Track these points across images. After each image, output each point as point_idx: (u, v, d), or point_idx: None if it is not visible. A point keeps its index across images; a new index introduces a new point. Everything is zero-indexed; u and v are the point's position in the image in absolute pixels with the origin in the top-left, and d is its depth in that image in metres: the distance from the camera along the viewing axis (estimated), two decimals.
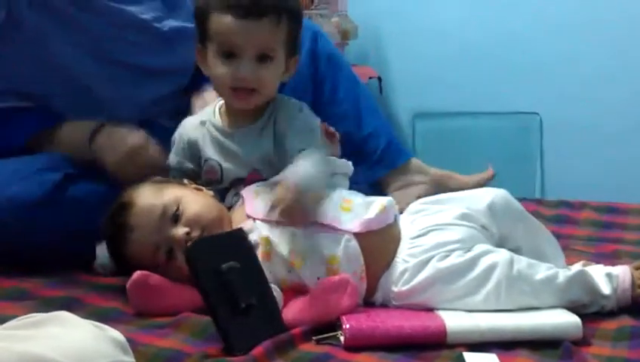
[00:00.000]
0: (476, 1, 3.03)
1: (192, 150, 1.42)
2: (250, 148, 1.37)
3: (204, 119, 1.42)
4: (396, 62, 3.18)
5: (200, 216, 1.28)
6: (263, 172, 1.36)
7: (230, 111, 1.40)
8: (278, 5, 1.32)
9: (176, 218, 1.27)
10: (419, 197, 1.46)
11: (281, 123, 1.36)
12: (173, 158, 1.44)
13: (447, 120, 3.12)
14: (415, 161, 1.78)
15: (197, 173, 1.42)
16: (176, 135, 1.44)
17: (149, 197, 1.30)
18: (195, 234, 1.26)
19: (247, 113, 1.38)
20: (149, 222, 1.27)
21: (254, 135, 1.37)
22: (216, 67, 1.33)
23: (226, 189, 1.39)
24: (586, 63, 2.87)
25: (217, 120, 1.41)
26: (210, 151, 1.39)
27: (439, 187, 1.70)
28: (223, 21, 1.30)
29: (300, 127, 1.35)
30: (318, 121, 1.40)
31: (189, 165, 1.43)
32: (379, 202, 1.30)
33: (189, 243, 1.21)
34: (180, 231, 1.26)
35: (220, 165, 1.38)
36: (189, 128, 1.43)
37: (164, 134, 1.47)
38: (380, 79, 3.07)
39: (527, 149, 3.00)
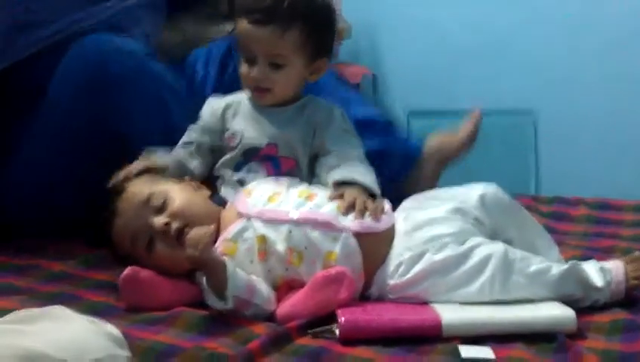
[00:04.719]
0: None
1: (224, 120, 1.45)
2: (275, 123, 1.42)
3: (239, 98, 1.47)
4: (390, 60, 3.18)
5: (184, 211, 1.28)
6: (279, 148, 1.41)
7: None
8: (291, 13, 1.35)
9: (160, 209, 1.28)
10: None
11: (320, 121, 1.43)
12: (191, 135, 1.45)
13: (442, 118, 3.11)
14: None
15: (214, 148, 1.45)
16: (207, 109, 1.47)
17: (141, 184, 1.31)
18: (175, 225, 1.26)
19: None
20: (132, 207, 1.28)
21: (284, 115, 1.43)
22: (241, 66, 1.40)
23: (238, 164, 1.41)
24: (580, 60, 2.87)
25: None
26: (237, 120, 1.44)
27: (441, 159, 1.78)
28: (239, 25, 1.38)
29: (341, 127, 1.45)
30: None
31: (207, 139, 1.45)
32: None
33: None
34: (161, 220, 1.26)
35: (242, 132, 1.42)
36: (225, 102, 1.46)
37: None
38: (374, 77, 3.07)
39: (522, 146, 3.00)
